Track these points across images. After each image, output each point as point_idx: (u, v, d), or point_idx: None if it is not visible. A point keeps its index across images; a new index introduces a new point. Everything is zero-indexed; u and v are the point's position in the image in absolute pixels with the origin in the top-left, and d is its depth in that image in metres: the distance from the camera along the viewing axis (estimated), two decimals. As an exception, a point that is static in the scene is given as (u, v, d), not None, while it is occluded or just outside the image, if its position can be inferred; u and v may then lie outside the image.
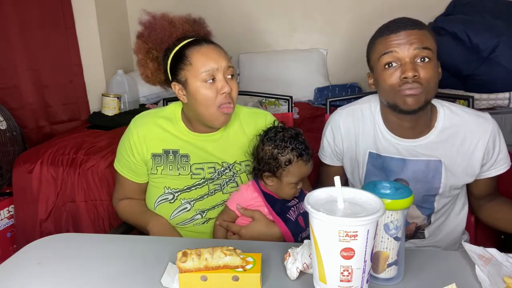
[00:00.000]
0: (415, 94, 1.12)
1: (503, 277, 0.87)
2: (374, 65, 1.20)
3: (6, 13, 2.38)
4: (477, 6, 2.62)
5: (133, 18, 3.21)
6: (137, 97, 2.81)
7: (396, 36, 1.13)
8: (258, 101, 2.74)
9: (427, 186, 1.25)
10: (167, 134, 1.32)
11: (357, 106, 1.33)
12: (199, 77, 1.21)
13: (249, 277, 0.87)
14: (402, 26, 1.14)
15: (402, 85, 1.13)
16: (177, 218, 1.31)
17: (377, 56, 1.17)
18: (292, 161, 1.18)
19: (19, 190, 2.07)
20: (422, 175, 1.24)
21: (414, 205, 1.28)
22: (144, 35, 1.30)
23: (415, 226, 1.31)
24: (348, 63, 3.11)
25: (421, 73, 1.12)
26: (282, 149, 1.19)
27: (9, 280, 0.95)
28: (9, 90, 2.45)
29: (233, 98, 1.25)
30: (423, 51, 1.12)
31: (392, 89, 1.15)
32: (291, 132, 1.22)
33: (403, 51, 1.12)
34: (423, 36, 1.13)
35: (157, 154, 1.31)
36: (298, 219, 1.23)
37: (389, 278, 0.89)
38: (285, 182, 1.19)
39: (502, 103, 2.34)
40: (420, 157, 1.24)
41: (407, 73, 1.11)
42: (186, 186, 1.30)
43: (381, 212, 0.75)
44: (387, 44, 1.14)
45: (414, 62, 1.13)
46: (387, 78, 1.15)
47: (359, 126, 1.31)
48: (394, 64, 1.14)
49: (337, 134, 1.34)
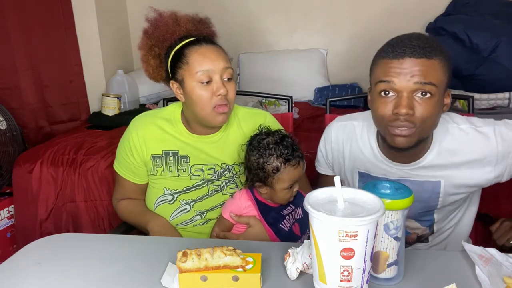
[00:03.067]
0: (405, 135, 1.02)
1: (503, 277, 0.87)
2: (371, 86, 1.09)
3: (6, 13, 2.38)
4: (477, 6, 2.62)
5: (133, 18, 3.21)
6: (137, 97, 2.80)
7: (398, 63, 1.00)
8: (258, 101, 2.74)
9: (423, 205, 1.19)
10: (167, 135, 1.32)
11: (349, 123, 1.26)
12: (195, 77, 1.20)
13: (249, 277, 0.87)
14: (408, 51, 0.99)
15: (393, 121, 1.02)
16: (177, 219, 1.31)
17: (374, 80, 1.06)
18: (280, 168, 1.15)
19: (19, 190, 2.08)
20: (417, 195, 1.13)
21: (413, 219, 1.23)
22: (148, 32, 1.30)
23: (416, 235, 1.27)
24: (348, 63, 3.11)
25: (417, 110, 1.00)
26: (267, 157, 1.15)
27: (9, 280, 0.95)
28: (9, 90, 2.45)
29: (229, 100, 1.23)
30: (425, 86, 0.99)
31: (382, 121, 1.05)
32: (276, 137, 1.18)
33: (402, 82, 0.99)
34: (430, 68, 0.99)
35: (157, 155, 1.31)
36: (293, 227, 1.23)
37: (389, 278, 0.89)
38: (278, 189, 1.17)
39: (502, 103, 2.33)
40: (415, 178, 1.16)
41: (399, 109, 0.99)
42: (185, 187, 1.30)
43: (381, 212, 0.75)
44: (386, 71, 1.01)
45: (412, 96, 1.00)
46: (380, 107, 1.04)
47: (348, 143, 1.25)
48: (390, 93, 1.02)
49: (328, 146, 1.31)
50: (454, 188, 1.16)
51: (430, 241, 1.29)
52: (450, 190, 1.16)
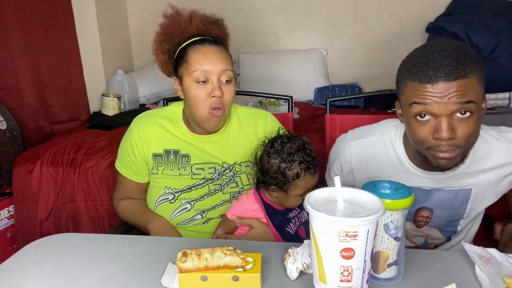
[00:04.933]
0: (450, 157, 0.97)
1: (503, 277, 0.87)
2: (403, 104, 1.01)
3: (6, 13, 2.37)
4: (477, 6, 2.62)
5: (133, 18, 3.22)
6: (137, 97, 2.81)
7: (432, 88, 0.92)
8: (258, 101, 2.74)
9: (452, 213, 1.17)
10: (168, 134, 1.32)
11: (368, 140, 1.19)
12: (192, 76, 1.21)
13: (249, 277, 0.87)
14: (442, 75, 0.91)
15: (434, 146, 0.96)
16: (177, 218, 1.31)
17: (407, 100, 0.98)
18: (300, 175, 1.14)
19: (19, 190, 2.08)
20: (449, 203, 1.14)
21: (437, 229, 1.22)
22: (162, 27, 1.31)
23: (434, 245, 1.26)
24: (348, 63, 3.11)
25: (459, 131, 0.94)
26: (290, 163, 1.14)
27: (9, 280, 0.95)
28: (9, 90, 2.45)
29: (224, 104, 1.22)
30: (464, 105, 0.92)
31: (422, 144, 0.99)
32: (298, 143, 1.17)
33: (440, 106, 0.92)
34: (467, 87, 0.91)
35: (158, 154, 1.32)
36: (298, 230, 1.23)
37: (389, 278, 0.89)
38: (292, 195, 1.17)
39: (502, 103, 2.33)
40: (448, 187, 1.12)
41: (441, 134, 0.93)
42: (186, 186, 1.30)
43: (381, 212, 0.75)
44: (420, 94, 0.94)
45: (451, 117, 0.93)
46: (417, 130, 0.97)
47: (372, 160, 1.18)
48: (426, 116, 0.95)
49: (346, 168, 1.23)
50: (483, 196, 1.14)
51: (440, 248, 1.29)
52: (480, 198, 1.14)
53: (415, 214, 1.20)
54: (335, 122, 1.64)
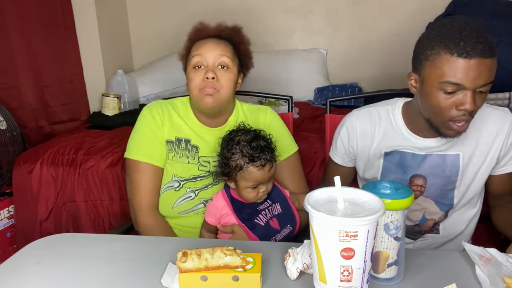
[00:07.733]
0: (464, 127, 1.08)
1: (503, 277, 0.87)
2: (427, 77, 1.08)
3: (6, 13, 2.37)
4: (477, 6, 2.61)
5: (133, 18, 3.21)
6: (137, 97, 2.80)
7: (467, 63, 1.00)
8: (258, 101, 2.74)
9: (445, 181, 1.24)
10: (181, 122, 1.36)
11: (374, 108, 1.31)
12: (191, 62, 1.29)
13: (249, 277, 0.87)
14: (478, 51, 0.99)
15: (456, 117, 1.06)
16: (180, 206, 1.33)
17: (437, 75, 1.04)
18: (242, 167, 1.16)
19: (19, 190, 2.07)
20: (440, 169, 1.23)
21: (433, 200, 1.27)
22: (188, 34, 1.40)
23: (433, 222, 1.30)
24: (348, 63, 3.11)
25: (476, 104, 1.04)
26: (233, 153, 1.18)
27: (9, 280, 0.95)
28: (9, 90, 2.45)
29: (218, 87, 1.26)
30: (487, 85, 1.03)
31: (443, 114, 1.07)
32: (249, 136, 1.19)
33: (470, 82, 1.01)
34: (493, 67, 1.02)
35: (170, 141, 1.35)
36: (269, 222, 1.24)
37: (389, 278, 0.90)
38: (241, 187, 1.20)
39: (502, 103, 2.33)
40: (438, 152, 1.22)
41: (466, 106, 1.03)
42: (192, 176, 1.34)
43: (381, 212, 0.75)
44: (454, 70, 1.01)
45: (475, 91, 1.03)
46: (442, 101, 1.05)
47: (376, 126, 1.29)
48: (453, 91, 1.04)
49: (352, 135, 1.32)
50: (472, 163, 1.22)
51: (441, 233, 1.31)
52: (469, 165, 1.22)
53: (410, 183, 1.26)
54: (335, 122, 1.63)
